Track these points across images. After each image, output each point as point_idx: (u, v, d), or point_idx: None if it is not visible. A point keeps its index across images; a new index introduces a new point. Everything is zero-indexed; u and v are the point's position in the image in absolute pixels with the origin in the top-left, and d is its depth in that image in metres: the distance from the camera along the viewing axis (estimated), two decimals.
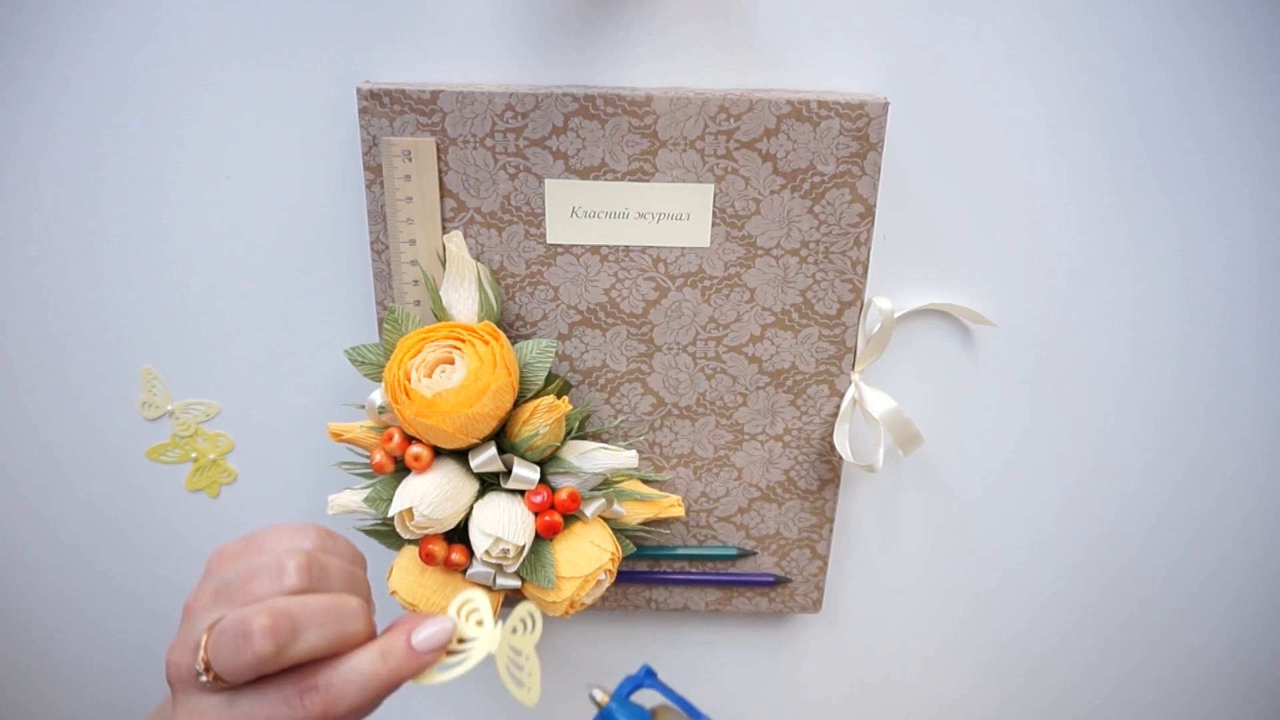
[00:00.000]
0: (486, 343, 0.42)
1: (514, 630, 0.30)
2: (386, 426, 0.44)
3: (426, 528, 0.43)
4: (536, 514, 0.44)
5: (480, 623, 0.30)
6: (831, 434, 0.49)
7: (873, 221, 0.44)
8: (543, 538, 0.45)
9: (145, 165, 0.45)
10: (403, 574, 0.45)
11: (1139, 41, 0.44)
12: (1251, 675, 0.60)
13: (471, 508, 0.44)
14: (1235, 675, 0.60)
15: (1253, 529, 0.55)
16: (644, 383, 0.48)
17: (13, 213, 0.46)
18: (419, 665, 0.29)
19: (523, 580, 0.45)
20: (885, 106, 0.42)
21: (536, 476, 0.44)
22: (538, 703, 0.28)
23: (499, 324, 0.45)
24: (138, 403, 0.50)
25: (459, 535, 0.45)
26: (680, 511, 0.49)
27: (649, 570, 0.52)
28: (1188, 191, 0.47)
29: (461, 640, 0.30)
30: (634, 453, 0.46)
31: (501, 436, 0.44)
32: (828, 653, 0.58)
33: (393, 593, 0.45)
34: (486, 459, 0.43)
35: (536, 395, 0.44)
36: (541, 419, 0.43)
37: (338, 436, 0.45)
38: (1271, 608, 0.58)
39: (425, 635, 0.30)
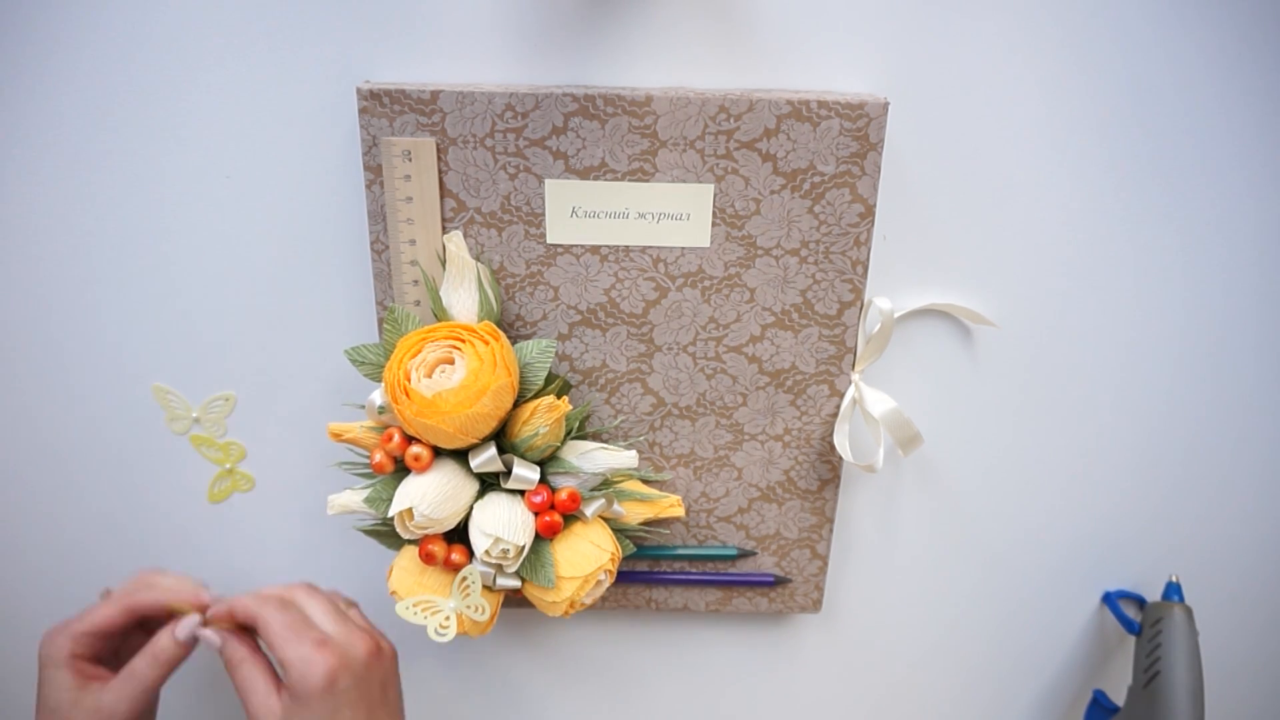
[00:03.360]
0: (486, 343, 0.42)
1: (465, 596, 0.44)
2: (386, 426, 0.44)
3: (426, 528, 0.43)
4: (536, 514, 0.44)
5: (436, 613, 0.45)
6: (831, 434, 0.49)
7: (873, 221, 0.44)
8: (543, 538, 0.45)
9: (145, 165, 0.45)
10: (403, 574, 0.45)
11: (1139, 41, 0.44)
12: (1247, 674, 0.60)
13: (471, 508, 0.44)
14: (1231, 673, 0.60)
15: (1253, 529, 0.55)
16: (644, 383, 0.48)
17: (12, 213, 0.46)
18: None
19: (523, 580, 0.45)
20: (885, 106, 0.42)
21: (536, 476, 0.44)
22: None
23: (499, 324, 0.45)
24: (165, 420, 0.51)
25: (459, 535, 0.45)
26: (680, 511, 0.49)
27: (649, 570, 0.52)
28: (1187, 191, 0.47)
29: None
30: (634, 453, 0.46)
31: (501, 436, 0.44)
32: (828, 653, 0.58)
33: (393, 593, 0.45)
34: (486, 459, 0.43)
35: (536, 395, 0.44)
36: (541, 419, 0.43)
37: (338, 436, 0.45)
38: (1269, 607, 0.58)
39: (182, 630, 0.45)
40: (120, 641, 0.46)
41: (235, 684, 0.43)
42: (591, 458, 0.45)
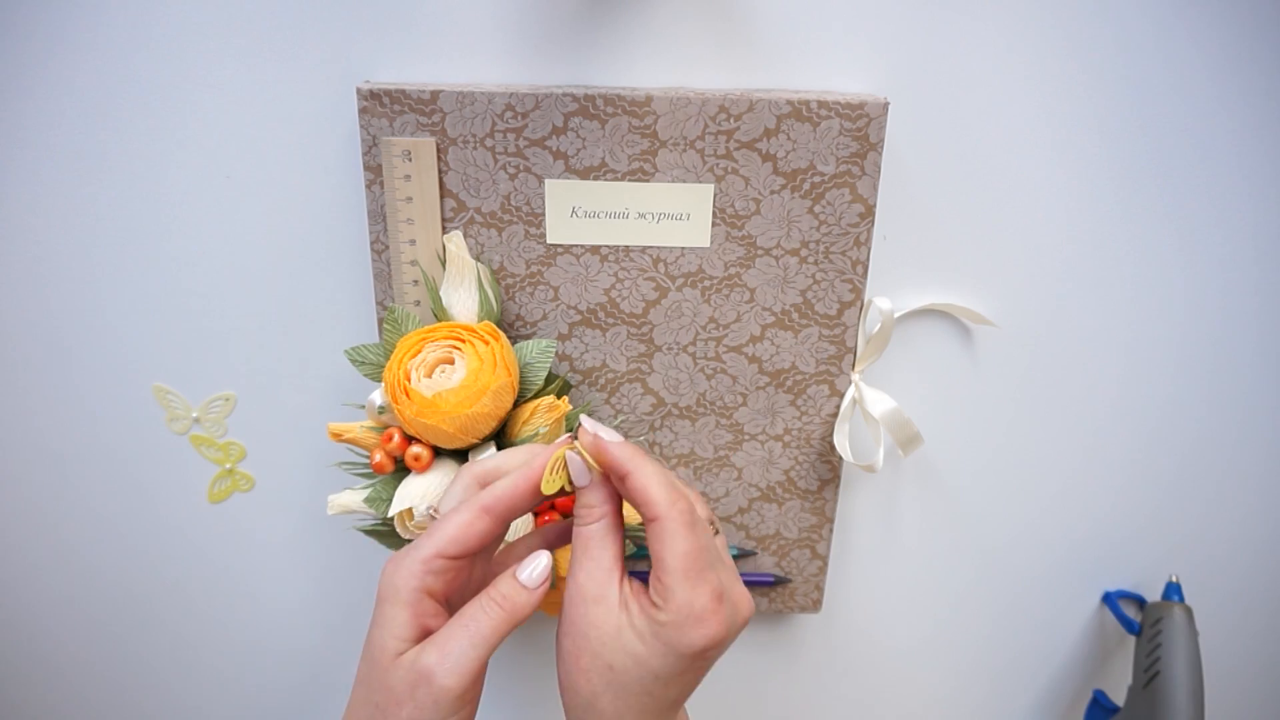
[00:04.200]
0: (486, 343, 0.42)
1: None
2: (386, 426, 0.44)
3: (426, 528, 0.43)
4: (536, 514, 0.44)
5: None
6: (831, 434, 0.49)
7: (873, 221, 0.44)
8: None
9: (145, 165, 0.45)
10: None
11: (1139, 42, 0.44)
12: (1247, 674, 0.60)
13: None
14: (1231, 673, 0.60)
15: (1253, 529, 0.55)
16: (644, 383, 0.48)
17: (12, 212, 0.46)
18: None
19: None
20: (885, 106, 0.42)
21: None
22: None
23: (499, 324, 0.45)
24: (165, 420, 0.50)
25: None
26: None
27: (649, 570, 0.52)
28: (1186, 191, 0.47)
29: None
30: None
31: (501, 436, 0.44)
32: (828, 653, 0.58)
33: None
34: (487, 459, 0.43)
35: (536, 395, 0.44)
36: (541, 419, 0.43)
37: (338, 436, 0.45)
38: (1269, 607, 0.58)
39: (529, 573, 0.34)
40: (480, 569, 0.36)
41: (575, 540, 0.34)
42: None
